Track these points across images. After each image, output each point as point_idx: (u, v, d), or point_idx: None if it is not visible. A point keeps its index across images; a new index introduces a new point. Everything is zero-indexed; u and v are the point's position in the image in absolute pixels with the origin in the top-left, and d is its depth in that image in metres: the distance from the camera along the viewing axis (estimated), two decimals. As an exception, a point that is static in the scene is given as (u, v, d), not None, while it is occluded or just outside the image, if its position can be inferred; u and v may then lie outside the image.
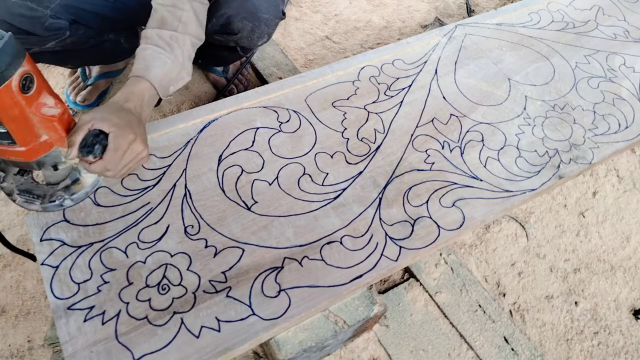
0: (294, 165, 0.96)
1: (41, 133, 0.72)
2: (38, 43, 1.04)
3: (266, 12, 1.08)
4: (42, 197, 0.80)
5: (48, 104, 0.71)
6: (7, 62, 0.63)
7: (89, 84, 1.39)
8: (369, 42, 1.74)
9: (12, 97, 0.65)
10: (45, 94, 0.71)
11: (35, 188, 0.80)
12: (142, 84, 0.86)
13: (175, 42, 0.89)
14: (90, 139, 0.75)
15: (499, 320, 1.10)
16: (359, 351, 1.06)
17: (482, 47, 1.24)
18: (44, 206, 0.80)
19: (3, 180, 0.80)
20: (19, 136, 0.70)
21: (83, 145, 0.74)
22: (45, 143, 0.73)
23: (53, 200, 0.80)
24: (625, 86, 1.21)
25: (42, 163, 0.75)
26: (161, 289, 0.78)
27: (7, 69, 0.63)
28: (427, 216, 0.91)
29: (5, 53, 0.63)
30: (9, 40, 0.63)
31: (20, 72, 0.65)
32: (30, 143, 0.71)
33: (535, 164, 1.02)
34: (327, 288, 0.81)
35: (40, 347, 1.03)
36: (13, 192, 0.80)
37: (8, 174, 0.80)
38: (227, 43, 1.14)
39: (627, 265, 1.26)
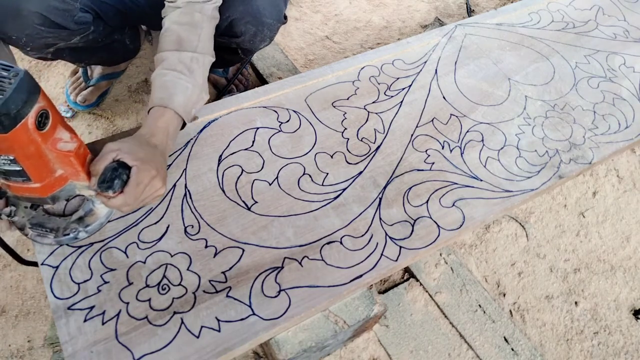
0: (294, 165, 0.96)
1: (56, 168, 0.70)
2: (66, 38, 1.04)
3: (269, 17, 1.09)
4: (56, 231, 0.78)
5: (64, 138, 0.69)
6: (24, 100, 0.61)
7: (90, 85, 1.39)
8: (369, 42, 1.74)
9: (29, 136, 0.63)
10: (60, 128, 0.69)
11: (47, 221, 0.79)
12: (166, 115, 0.84)
13: (195, 64, 0.88)
14: (109, 174, 0.72)
15: (499, 320, 1.10)
16: (359, 351, 1.06)
17: (482, 47, 1.24)
18: (57, 239, 0.79)
19: (14, 215, 0.77)
20: (35, 173, 0.67)
21: (102, 180, 0.72)
22: (61, 177, 0.71)
23: (67, 234, 0.79)
24: (625, 86, 1.21)
25: (56, 198, 0.73)
26: (161, 289, 0.78)
27: (23, 107, 0.61)
28: (427, 216, 0.91)
29: (21, 90, 0.60)
30: (24, 77, 0.60)
31: (36, 109, 0.63)
32: (46, 179, 0.69)
33: (535, 164, 1.02)
34: (327, 288, 0.81)
35: (40, 347, 1.03)
36: (25, 226, 0.78)
37: (19, 208, 0.78)
38: (229, 45, 1.14)
39: (627, 265, 1.26)
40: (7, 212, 0.77)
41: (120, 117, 1.42)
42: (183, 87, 0.86)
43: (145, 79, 1.52)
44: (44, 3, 0.94)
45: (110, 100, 1.46)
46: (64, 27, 1.00)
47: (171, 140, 0.86)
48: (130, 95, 1.48)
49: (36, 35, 0.98)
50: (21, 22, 0.94)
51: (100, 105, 1.43)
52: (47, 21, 0.96)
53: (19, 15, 0.93)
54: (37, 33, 0.98)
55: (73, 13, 1.00)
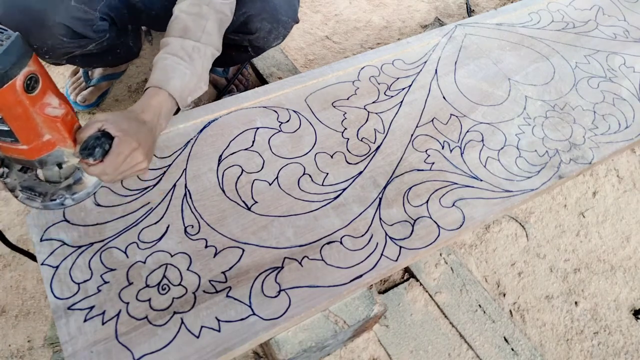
0: (294, 165, 0.96)
1: (44, 132, 0.73)
2: (83, 46, 1.05)
3: (285, 15, 1.10)
4: (44, 195, 0.80)
5: (52, 104, 0.72)
6: (12, 62, 0.64)
7: (91, 85, 1.39)
8: (369, 42, 1.74)
9: (16, 97, 0.66)
10: (50, 94, 0.72)
11: (37, 185, 0.80)
12: (160, 95, 0.86)
13: (196, 53, 0.89)
14: (91, 142, 0.75)
15: (499, 320, 1.10)
16: (359, 351, 1.06)
17: (482, 47, 1.24)
18: (44, 204, 0.80)
19: (7, 176, 0.80)
20: (22, 134, 0.70)
21: (84, 147, 0.75)
22: (48, 142, 0.74)
23: (54, 199, 0.80)
24: (625, 86, 1.21)
25: (44, 162, 0.76)
26: (161, 289, 0.78)
27: (11, 69, 0.64)
28: (427, 216, 0.91)
29: (10, 53, 0.63)
30: (15, 40, 0.64)
31: (25, 72, 0.66)
32: (33, 142, 0.72)
33: (535, 164, 1.02)
34: (327, 288, 0.81)
35: (40, 347, 1.03)
36: (16, 188, 0.80)
37: (12, 171, 0.80)
38: (240, 42, 1.15)
39: (627, 265, 1.26)
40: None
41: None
42: (181, 72, 0.88)
43: (145, 79, 1.52)
44: (67, 14, 0.96)
45: (110, 100, 1.46)
46: (84, 36, 1.02)
47: (163, 120, 0.87)
48: (130, 95, 1.48)
49: (58, 45, 1.00)
50: (45, 33, 0.96)
51: (100, 105, 1.44)
52: (70, 32, 0.98)
53: (44, 26, 0.95)
54: (59, 43, 1.00)
55: (93, 22, 1.02)
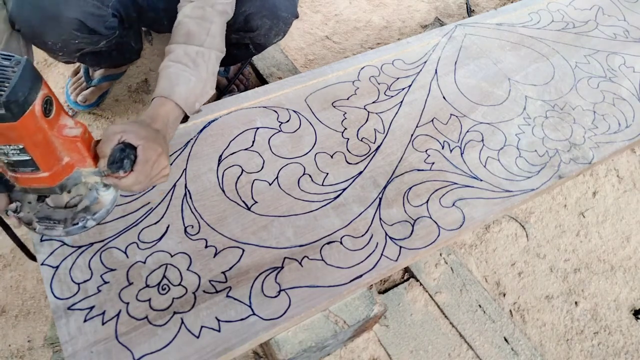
0: (294, 165, 0.96)
1: (63, 156, 0.71)
2: (94, 42, 1.06)
3: (285, 11, 1.11)
4: (64, 222, 0.78)
5: (69, 124, 0.70)
6: (29, 87, 0.62)
7: (92, 85, 1.39)
8: (369, 42, 1.74)
9: (37, 123, 0.64)
10: (63, 115, 0.70)
11: (54, 213, 0.78)
12: (167, 105, 0.86)
13: (200, 58, 0.89)
14: (117, 155, 0.73)
15: (499, 320, 1.10)
16: (359, 351, 1.06)
17: (482, 47, 1.24)
18: (67, 230, 0.78)
19: (20, 210, 0.77)
20: (43, 161, 0.68)
21: (112, 161, 0.73)
22: (67, 165, 0.72)
23: (76, 223, 0.78)
24: (625, 86, 1.21)
25: (64, 186, 0.73)
26: (161, 289, 0.78)
27: (30, 94, 0.62)
28: (427, 216, 0.91)
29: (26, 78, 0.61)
30: (26, 65, 0.61)
31: (41, 96, 0.64)
32: (54, 167, 0.70)
33: (535, 164, 1.02)
34: (327, 288, 0.81)
35: (40, 347, 1.03)
36: (32, 221, 0.78)
37: (23, 204, 0.78)
38: (241, 41, 1.15)
39: (627, 265, 1.26)
40: (13, 208, 0.77)
41: (120, 117, 1.42)
42: (186, 79, 0.88)
43: (145, 79, 1.52)
44: (81, 9, 0.96)
45: (110, 100, 1.46)
46: (97, 32, 1.02)
47: (171, 129, 0.87)
48: (130, 95, 1.48)
49: (71, 40, 1.00)
50: (59, 28, 0.96)
51: (100, 106, 1.44)
52: (83, 27, 0.99)
53: (58, 21, 0.95)
54: (73, 38, 1.00)
55: (105, 19, 1.02)
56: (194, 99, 0.89)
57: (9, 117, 0.60)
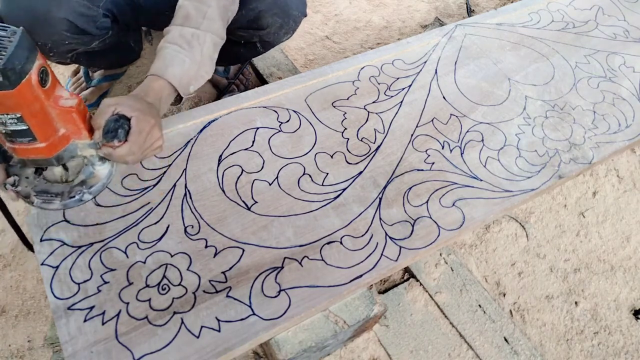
0: (294, 165, 0.96)
1: (59, 127, 0.73)
2: (86, 43, 1.06)
3: (296, 9, 1.11)
4: (61, 195, 0.80)
5: (64, 95, 0.72)
6: (26, 56, 0.63)
7: (92, 85, 1.39)
8: (369, 42, 1.74)
9: (33, 92, 0.66)
10: (59, 86, 0.72)
11: (51, 187, 0.80)
12: (160, 82, 0.87)
13: (195, 40, 0.90)
14: (112, 124, 0.75)
15: (499, 320, 1.10)
16: (359, 351, 1.06)
17: (482, 47, 1.24)
18: (64, 203, 0.80)
19: (18, 184, 0.79)
20: (40, 131, 0.70)
21: (106, 131, 0.75)
22: (63, 137, 0.74)
23: (73, 196, 0.81)
24: (625, 86, 1.21)
25: (60, 158, 0.76)
26: (161, 289, 0.78)
27: (26, 63, 0.63)
28: (427, 216, 0.91)
29: (22, 47, 0.63)
30: (22, 35, 0.63)
31: (37, 66, 0.65)
32: (50, 138, 0.72)
33: (535, 164, 1.02)
34: (327, 288, 0.81)
35: (40, 347, 1.03)
36: (30, 194, 0.79)
37: (21, 178, 0.80)
38: (249, 38, 1.15)
39: (627, 265, 1.26)
40: (10, 181, 0.78)
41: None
42: (180, 60, 0.89)
43: (145, 79, 1.52)
44: (71, 9, 0.96)
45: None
46: (87, 32, 1.02)
47: (164, 104, 0.89)
48: (130, 95, 1.48)
49: (61, 41, 1.00)
50: (49, 29, 0.96)
51: (101, 105, 1.43)
52: (73, 27, 0.99)
53: (47, 22, 0.95)
54: (63, 39, 1.00)
55: (96, 19, 1.02)
56: (187, 81, 0.90)
57: (7, 85, 0.62)
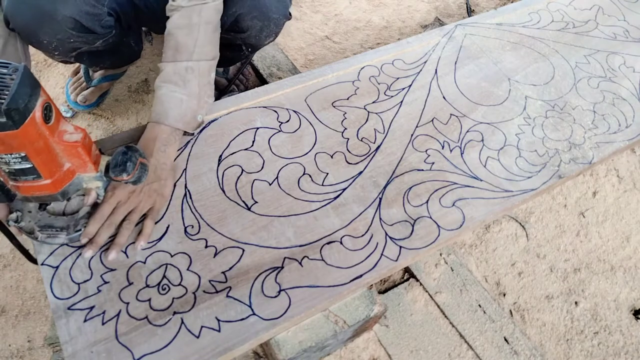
0: (294, 165, 0.96)
1: (64, 162, 0.71)
2: (90, 42, 1.06)
3: (276, 12, 1.09)
4: (66, 229, 0.78)
5: (68, 130, 0.70)
6: (29, 93, 0.61)
7: (92, 85, 1.39)
8: (369, 42, 1.74)
9: (37, 129, 0.64)
10: (62, 121, 0.70)
11: (55, 221, 0.79)
12: (162, 128, 0.89)
13: (190, 74, 0.90)
14: (120, 157, 0.73)
15: (499, 320, 1.10)
16: (359, 351, 1.06)
17: (482, 47, 1.24)
18: (70, 237, 0.79)
19: (20, 220, 0.77)
20: (45, 169, 0.68)
21: (114, 165, 0.73)
22: (68, 171, 0.72)
23: (79, 229, 0.79)
24: (625, 86, 1.21)
25: (66, 193, 0.73)
26: (161, 289, 0.78)
27: (30, 101, 0.61)
28: (427, 216, 0.91)
29: (25, 85, 0.60)
30: (24, 72, 0.61)
31: (41, 102, 0.63)
32: (55, 174, 0.70)
33: (535, 164, 1.02)
34: (327, 288, 0.81)
35: (40, 347, 1.03)
36: (34, 230, 0.78)
37: (24, 213, 0.78)
38: (233, 41, 1.15)
39: (627, 265, 1.26)
40: (13, 218, 0.77)
41: (120, 117, 1.43)
42: (177, 100, 0.89)
43: (145, 79, 1.52)
44: (76, 8, 0.96)
45: (110, 100, 1.46)
46: (92, 31, 1.02)
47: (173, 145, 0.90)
48: (130, 95, 1.48)
49: (66, 39, 1.00)
50: (55, 27, 0.96)
51: (100, 106, 1.44)
52: (78, 25, 0.99)
53: (53, 20, 0.95)
54: (68, 37, 1.00)
55: (101, 17, 1.02)
56: (191, 115, 0.92)
57: (10, 125, 0.60)
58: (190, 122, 0.92)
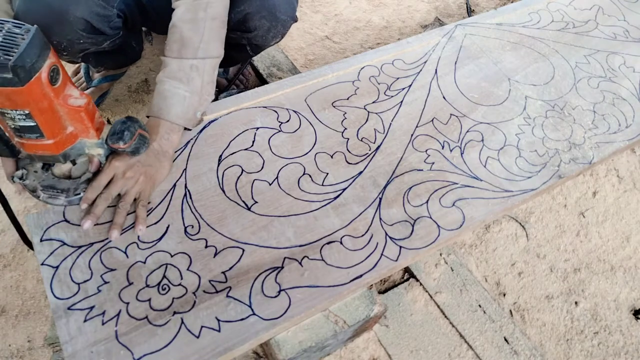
0: (294, 165, 0.96)
1: (67, 125, 0.73)
2: (98, 43, 1.06)
3: (284, 13, 1.10)
4: (67, 191, 0.81)
5: (74, 95, 0.72)
6: (37, 54, 0.64)
7: (92, 86, 1.39)
8: (369, 42, 1.74)
9: (42, 89, 0.66)
10: (69, 85, 0.72)
11: (58, 183, 0.81)
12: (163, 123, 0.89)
13: (195, 72, 0.90)
14: (118, 126, 0.76)
15: (499, 320, 1.10)
16: (359, 351, 1.06)
17: (482, 47, 1.24)
18: (69, 199, 0.81)
19: (25, 178, 0.80)
20: (48, 129, 0.70)
21: (112, 132, 0.76)
22: (71, 135, 0.74)
23: (78, 193, 0.81)
24: (625, 86, 1.21)
25: (67, 155, 0.76)
26: (161, 289, 0.78)
27: (37, 61, 0.64)
28: (427, 216, 0.91)
29: (34, 45, 0.63)
30: (36, 33, 0.64)
31: (48, 64, 0.66)
32: (58, 135, 0.72)
33: (535, 164, 1.02)
34: (327, 288, 0.81)
35: (40, 347, 1.03)
36: (37, 188, 0.80)
37: (29, 172, 0.81)
38: (238, 41, 1.15)
39: (627, 265, 1.26)
40: (19, 174, 0.80)
41: (120, 117, 1.42)
42: (180, 97, 0.89)
43: (145, 79, 1.52)
44: (87, 9, 0.97)
45: (110, 100, 1.46)
46: (101, 32, 1.03)
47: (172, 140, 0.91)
48: (130, 96, 1.48)
49: (76, 40, 1.00)
50: (65, 28, 0.97)
51: (101, 106, 1.44)
52: (89, 27, 0.99)
53: (65, 20, 0.95)
54: (78, 38, 1.00)
55: (111, 19, 1.03)
56: (192, 112, 0.92)
57: (16, 82, 0.63)
58: (192, 119, 0.93)
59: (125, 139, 0.76)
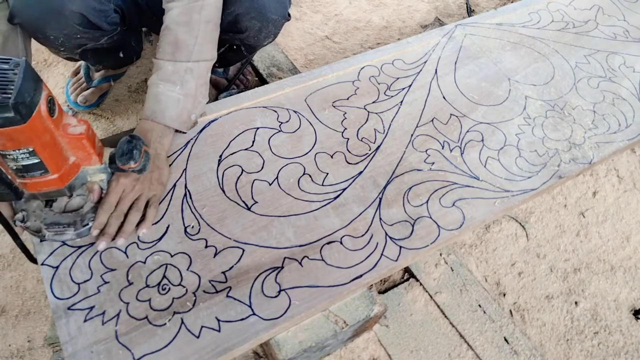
0: (294, 165, 0.96)
1: (69, 155, 0.72)
2: (96, 38, 1.06)
3: (275, 13, 1.09)
4: (73, 224, 0.79)
5: (72, 123, 0.70)
6: (33, 87, 0.61)
7: (92, 86, 1.39)
8: (369, 42, 1.74)
9: (43, 123, 0.64)
10: (65, 114, 0.70)
11: (61, 218, 0.79)
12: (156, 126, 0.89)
13: (189, 75, 0.90)
14: (125, 146, 0.74)
15: (499, 320, 1.10)
16: (359, 351, 1.06)
17: (482, 47, 1.24)
18: (77, 232, 0.79)
19: (27, 219, 0.77)
20: (52, 163, 0.68)
21: (121, 154, 0.74)
22: (74, 165, 0.73)
23: (86, 224, 0.79)
24: (625, 86, 1.21)
25: (72, 187, 0.74)
26: (161, 289, 0.78)
27: (35, 95, 0.62)
28: (427, 216, 0.91)
29: (28, 79, 0.61)
30: (27, 66, 0.61)
31: (45, 96, 0.64)
32: (62, 168, 0.71)
33: (535, 164, 1.02)
34: (327, 288, 0.81)
35: (40, 347, 1.03)
36: (41, 228, 0.78)
37: (29, 213, 0.78)
38: (231, 42, 1.15)
39: (627, 265, 1.26)
40: (19, 218, 0.77)
41: (120, 117, 1.42)
42: (174, 100, 0.89)
43: (145, 79, 1.52)
44: (84, 3, 0.96)
45: (110, 100, 1.46)
46: (98, 27, 1.02)
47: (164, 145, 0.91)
48: (130, 96, 1.48)
49: (73, 35, 1.00)
50: (62, 22, 0.96)
51: (101, 106, 1.44)
52: (85, 21, 0.99)
53: (61, 15, 0.95)
54: (75, 33, 1.00)
55: (107, 14, 1.03)
56: (186, 115, 0.92)
57: (18, 120, 0.60)
58: (186, 121, 0.92)
59: (136, 157, 0.74)
